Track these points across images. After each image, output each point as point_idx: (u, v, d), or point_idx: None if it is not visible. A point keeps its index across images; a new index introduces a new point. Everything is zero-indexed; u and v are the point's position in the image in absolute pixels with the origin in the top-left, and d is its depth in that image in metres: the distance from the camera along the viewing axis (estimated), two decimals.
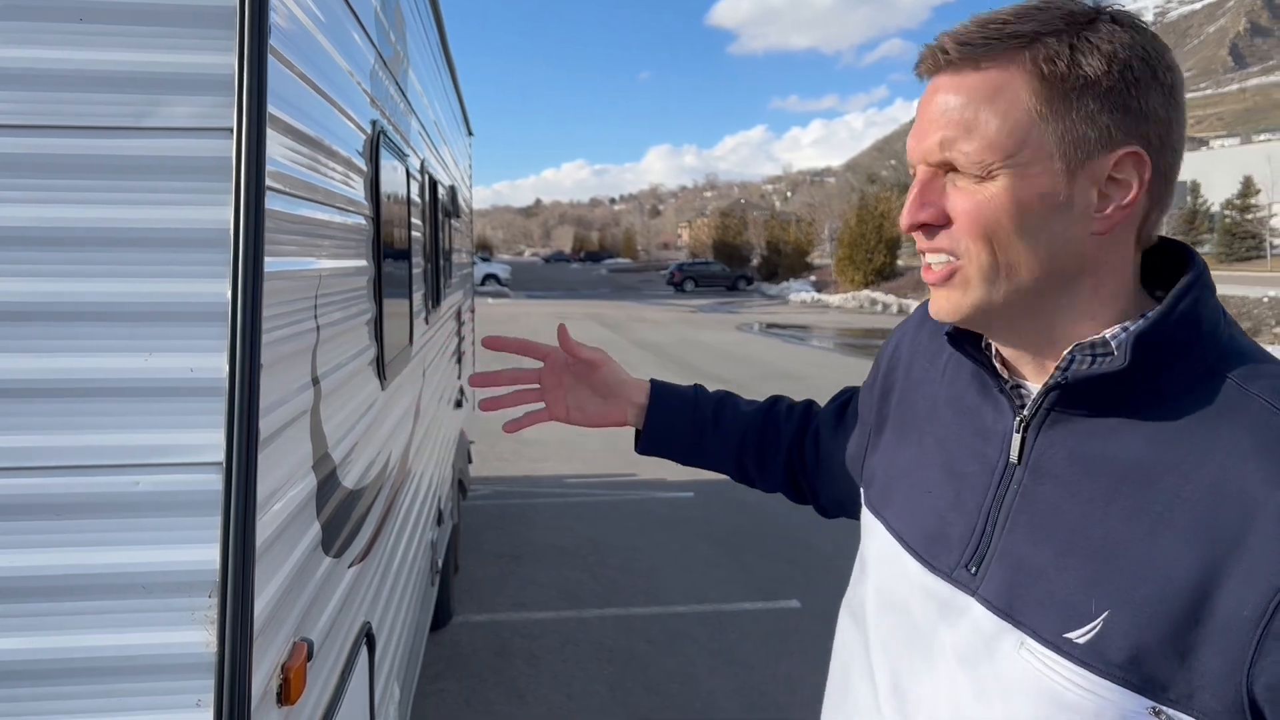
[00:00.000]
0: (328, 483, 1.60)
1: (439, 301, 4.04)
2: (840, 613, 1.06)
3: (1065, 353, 0.78)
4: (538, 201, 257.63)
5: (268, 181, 1.17)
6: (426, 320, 3.46)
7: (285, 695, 1.27)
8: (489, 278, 40.40)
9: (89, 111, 1.14)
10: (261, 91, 1.15)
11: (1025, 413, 0.81)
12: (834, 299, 34.49)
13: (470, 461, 5.98)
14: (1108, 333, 0.77)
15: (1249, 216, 40.55)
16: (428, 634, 3.60)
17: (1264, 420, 0.70)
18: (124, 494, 1.12)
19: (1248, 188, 40.79)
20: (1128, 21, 0.75)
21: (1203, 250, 42.35)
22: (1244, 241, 40.09)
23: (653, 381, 1.29)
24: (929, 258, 0.82)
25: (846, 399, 1.24)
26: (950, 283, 0.81)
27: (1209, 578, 0.66)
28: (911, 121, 0.84)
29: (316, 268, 1.52)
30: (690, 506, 6.86)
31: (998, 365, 0.86)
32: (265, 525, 1.19)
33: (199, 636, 1.12)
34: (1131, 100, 0.73)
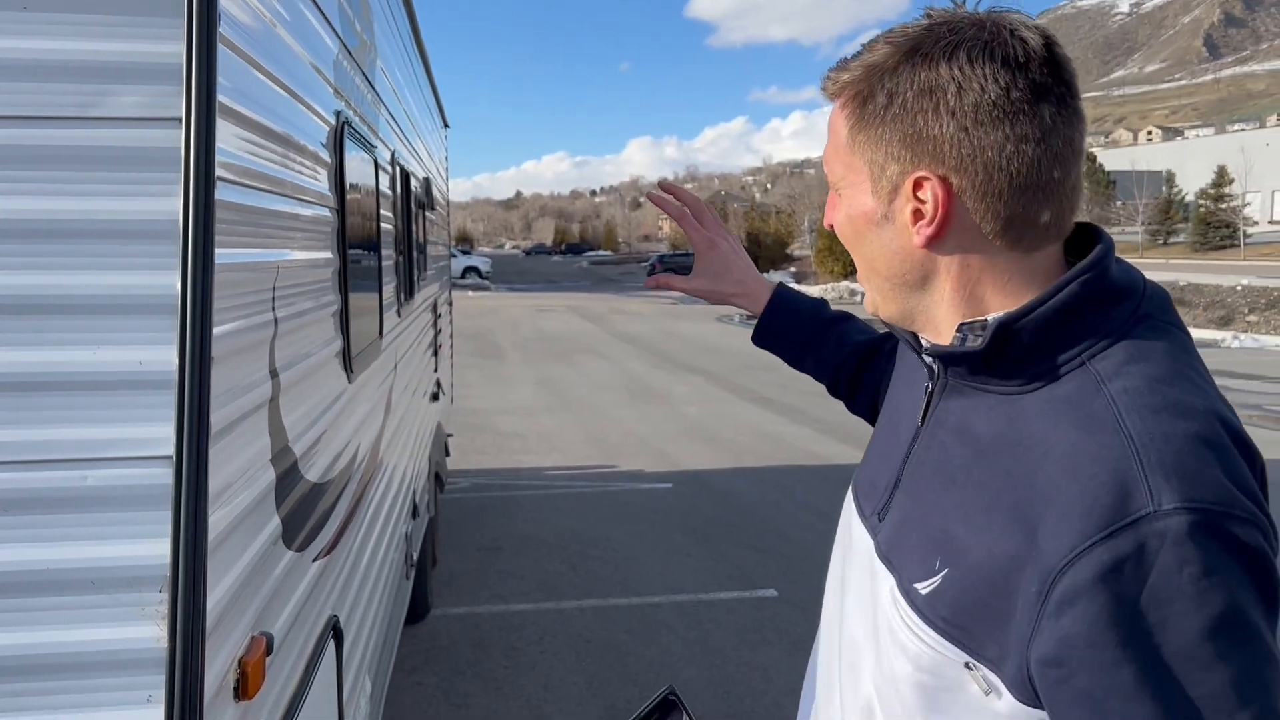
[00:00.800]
0: (288, 476, 1.58)
1: (412, 294, 4.02)
2: None
3: (955, 330, 0.84)
4: (518, 194, 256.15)
5: (219, 172, 1.15)
6: (399, 313, 3.44)
7: (243, 690, 1.26)
8: (469, 270, 40.22)
9: (34, 101, 1.12)
10: (211, 81, 1.14)
11: (929, 381, 0.89)
12: (814, 290, 34.54)
13: (448, 454, 5.96)
14: (990, 316, 0.81)
15: (1223, 206, 40.93)
16: (404, 627, 3.59)
17: (1100, 417, 0.72)
18: (73, 488, 1.11)
19: (1221, 177, 41.17)
20: (938, 50, 0.77)
21: (1177, 240, 42.87)
22: (1218, 230, 40.47)
23: (779, 285, 1.41)
24: None
25: None
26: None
27: (1023, 554, 0.72)
28: None
29: (273, 260, 1.50)
30: (668, 497, 6.87)
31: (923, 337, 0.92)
32: (219, 519, 1.18)
33: (150, 631, 1.10)
34: (914, 128, 0.78)
